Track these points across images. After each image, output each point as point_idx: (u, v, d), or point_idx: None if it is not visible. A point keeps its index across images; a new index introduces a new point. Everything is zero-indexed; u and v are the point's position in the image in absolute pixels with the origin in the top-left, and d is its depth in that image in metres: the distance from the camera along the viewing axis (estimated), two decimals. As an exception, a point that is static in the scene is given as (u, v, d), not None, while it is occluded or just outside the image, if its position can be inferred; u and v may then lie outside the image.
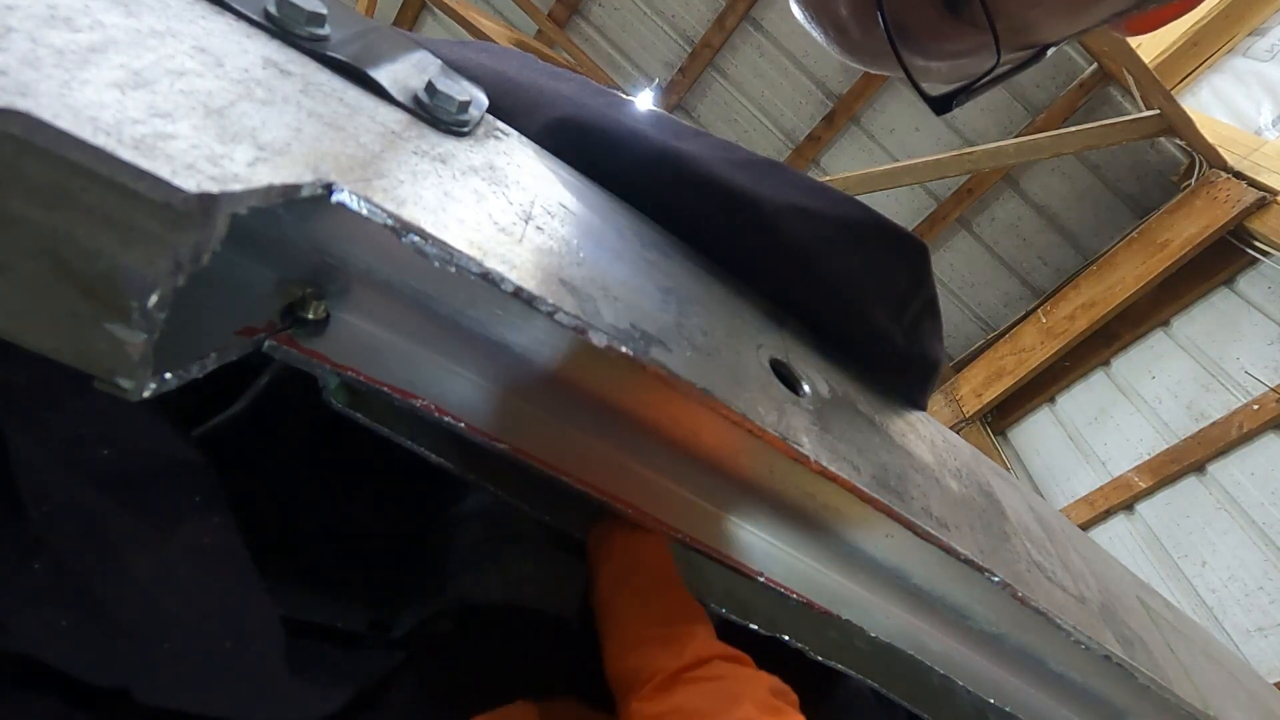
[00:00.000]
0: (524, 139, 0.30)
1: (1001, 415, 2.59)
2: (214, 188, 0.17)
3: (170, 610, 0.21)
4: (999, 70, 0.37)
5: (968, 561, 0.26)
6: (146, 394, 0.19)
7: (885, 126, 2.72)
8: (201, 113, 0.19)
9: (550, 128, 0.31)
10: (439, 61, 0.30)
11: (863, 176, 2.31)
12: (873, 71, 0.45)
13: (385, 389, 0.24)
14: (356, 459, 0.30)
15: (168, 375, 0.20)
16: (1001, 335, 2.65)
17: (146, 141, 0.17)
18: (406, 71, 0.27)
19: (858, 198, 0.38)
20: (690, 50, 2.86)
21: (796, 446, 0.24)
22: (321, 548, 0.27)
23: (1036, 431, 2.49)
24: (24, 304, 0.18)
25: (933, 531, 0.26)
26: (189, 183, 0.16)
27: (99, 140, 0.16)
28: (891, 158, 2.70)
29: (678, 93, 2.92)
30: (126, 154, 0.16)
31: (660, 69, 2.95)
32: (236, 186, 0.17)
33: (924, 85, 0.38)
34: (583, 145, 0.31)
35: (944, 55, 0.38)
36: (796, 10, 0.43)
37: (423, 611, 0.27)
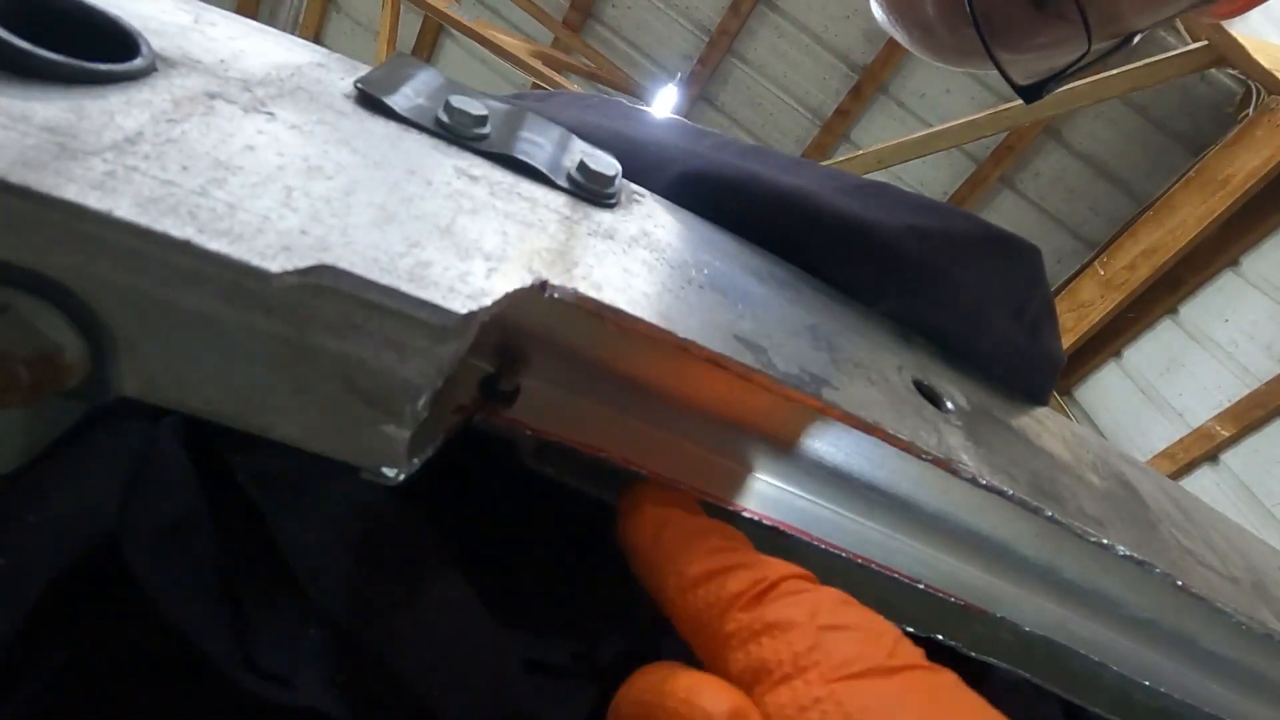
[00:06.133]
0: (656, 197, 0.33)
1: (1065, 374, 2.52)
2: (474, 306, 0.19)
3: (431, 659, 0.24)
4: (1088, 59, 0.38)
5: (1130, 559, 0.28)
6: (402, 478, 0.23)
7: (915, 92, 2.65)
8: (438, 235, 0.21)
9: (675, 182, 0.33)
10: (570, 134, 0.32)
11: (896, 146, 2.27)
12: (957, 69, 0.46)
13: (576, 446, 0.27)
14: (529, 507, 0.33)
15: (415, 460, 0.23)
16: (1058, 293, 2.57)
17: (416, 272, 0.19)
18: (555, 152, 0.29)
19: (895, 168, 0.39)
20: (708, 39, 2.84)
21: (963, 468, 0.26)
22: (522, 590, 0.30)
23: (1104, 388, 2.42)
24: (318, 419, 0.21)
25: (1092, 532, 0.27)
26: (457, 304, 0.19)
27: (385, 280, 0.19)
28: (924, 123, 2.64)
29: (699, 83, 2.91)
30: (407, 287, 0.19)
31: (679, 62, 2.94)
32: (487, 301, 0.20)
33: (1014, 76, 0.39)
34: (708, 196, 0.33)
35: (1033, 49, 0.39)
36: (878, 13, 0.44)
37: (620, 639, 0.29)
